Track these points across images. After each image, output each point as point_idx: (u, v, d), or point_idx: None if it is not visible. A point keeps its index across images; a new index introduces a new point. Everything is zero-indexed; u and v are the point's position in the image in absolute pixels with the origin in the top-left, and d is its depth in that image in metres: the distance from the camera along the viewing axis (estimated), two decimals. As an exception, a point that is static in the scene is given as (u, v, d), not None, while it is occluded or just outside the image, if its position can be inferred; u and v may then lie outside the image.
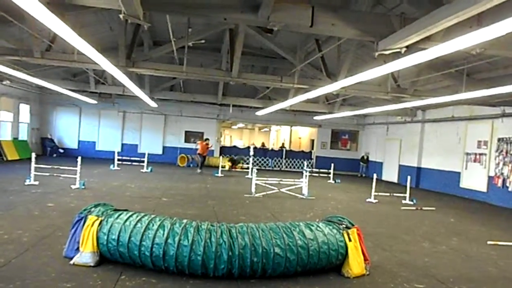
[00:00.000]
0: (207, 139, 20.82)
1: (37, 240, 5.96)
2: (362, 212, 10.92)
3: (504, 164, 14.15)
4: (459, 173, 16.56)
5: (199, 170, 19.23)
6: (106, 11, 12.10)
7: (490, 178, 14.85)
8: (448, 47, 5.76)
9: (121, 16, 5.88)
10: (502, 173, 14.21)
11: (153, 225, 5.02)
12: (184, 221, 5.17)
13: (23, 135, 21.55)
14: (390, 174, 21.81)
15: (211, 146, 20.85)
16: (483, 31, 4.95)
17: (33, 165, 11.57)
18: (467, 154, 16.12)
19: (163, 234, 4.87)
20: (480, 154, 15.43)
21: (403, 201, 13.06)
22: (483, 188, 15.15)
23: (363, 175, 24.46)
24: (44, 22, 6.01)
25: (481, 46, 6.55)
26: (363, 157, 24.84)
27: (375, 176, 13.56)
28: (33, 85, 18.97)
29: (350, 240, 5.31)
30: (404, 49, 6.47)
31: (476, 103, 14.20)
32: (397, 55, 7.12)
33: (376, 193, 13.10)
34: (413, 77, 13.03)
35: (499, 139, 14.46)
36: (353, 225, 5.63)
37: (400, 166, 21.12)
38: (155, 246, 4.84)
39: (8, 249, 5.43)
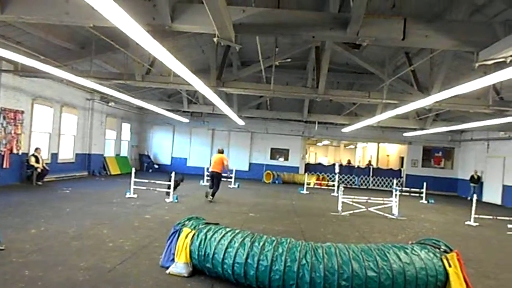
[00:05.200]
0: (222, 151, 14.33)
1: (137, 249, 6.42)
2: (461, 236, 10.06)
3: None
4: None
5: (210, 198, 12.97)
6: (198, 35, 12.89)
7: None
8: None
9: (215, 39, 6.22)
10: None
11: (234, 242, 5.05)
12: (264, 237, 5.13)
13: (124, 152, 23.58)
14: (492, 195, 19.84)
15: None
16: None
17: (132, 179, 12.55)
18: None
19: (243, 254, 4.88)
20: None
21: (509, 225, 11.77)
22: None
23: (472, 198, 20.51)
24: (146, 48, 6.61)
25: None
26: (472, 176, 21.20)
27: (475, 197, 12.43)
28: (133, 106, 20.78)
29: (450, 265, 4.90)
30: (510, 58, 5.93)
31: None
32: (499, 65, 6.55)
33: (477, 216, 11.99)
34: (519, 89, 11.86)
35: None
36: (451, 249, 5.20)
37: (504, 186, 19.13)
38: (236, 265, 4.89)
39: (113, 256, 5.93)
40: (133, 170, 12.92)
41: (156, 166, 24.87)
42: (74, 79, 11.63)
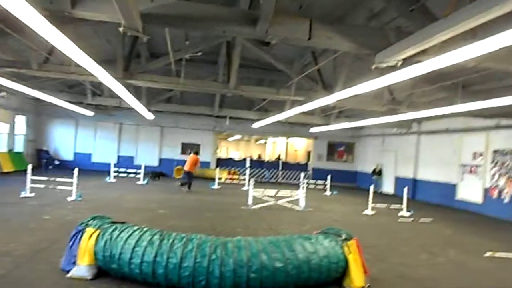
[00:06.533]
0: (196, 152, 17.89)
1: (34, 253, 5.91)
2: (360, 224, 10.92)
3: (499, 176, 14.23)
4: (455, 184, 16.62)
5: (186, 190, 16.10)
6: (103, 23, 12.13)
7: (485, 190, 14.90)
8: (443, 60, 5.84)
9: (120, 29, 5.92)
10: (497, 185, 14.28)
11: (142, 241, 4.90)
12: (173, 235, 5.06)
13: (19, 147, 21.43)
14: (387, 185, 21.86)
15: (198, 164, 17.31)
16: (478, 44, 5.03)
17: (29, 177, 11.48)
18: (463, 165, 16.20)
19: (152, 252, 4.77)
20: (476, 166, 15.52)
21: (400, 213, 13.07)
22: (479, 200, 15.19)
23: (378, 191, 21.08)
24: (44, 35, 6.04)
25: (476, 59, 6.62)
26: (374, 170, 22.57)
27: (371, 188, 13.57)
28: (29, 96, 18.90)
29: (350, 252, 5.29)
30: (400, 62, 6.54)
31: (472, 115, 14.31)
32: (393, 68, 7.20)
33: (373, 205, 13.10)
34: (409, 90, 13.14)
35: (494, 151, 14.56)
36: (351, 237, 5.62)
37: (396, 178, 21.17)
38: (144, 264, 4.76)
39: (6, 261, 5.39)
40: (30, 166, 11.81)
41: (57, 162, 22.97)
42: (-44, 65, 10.27)
